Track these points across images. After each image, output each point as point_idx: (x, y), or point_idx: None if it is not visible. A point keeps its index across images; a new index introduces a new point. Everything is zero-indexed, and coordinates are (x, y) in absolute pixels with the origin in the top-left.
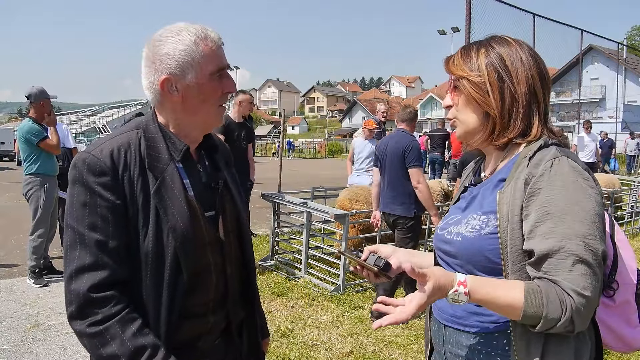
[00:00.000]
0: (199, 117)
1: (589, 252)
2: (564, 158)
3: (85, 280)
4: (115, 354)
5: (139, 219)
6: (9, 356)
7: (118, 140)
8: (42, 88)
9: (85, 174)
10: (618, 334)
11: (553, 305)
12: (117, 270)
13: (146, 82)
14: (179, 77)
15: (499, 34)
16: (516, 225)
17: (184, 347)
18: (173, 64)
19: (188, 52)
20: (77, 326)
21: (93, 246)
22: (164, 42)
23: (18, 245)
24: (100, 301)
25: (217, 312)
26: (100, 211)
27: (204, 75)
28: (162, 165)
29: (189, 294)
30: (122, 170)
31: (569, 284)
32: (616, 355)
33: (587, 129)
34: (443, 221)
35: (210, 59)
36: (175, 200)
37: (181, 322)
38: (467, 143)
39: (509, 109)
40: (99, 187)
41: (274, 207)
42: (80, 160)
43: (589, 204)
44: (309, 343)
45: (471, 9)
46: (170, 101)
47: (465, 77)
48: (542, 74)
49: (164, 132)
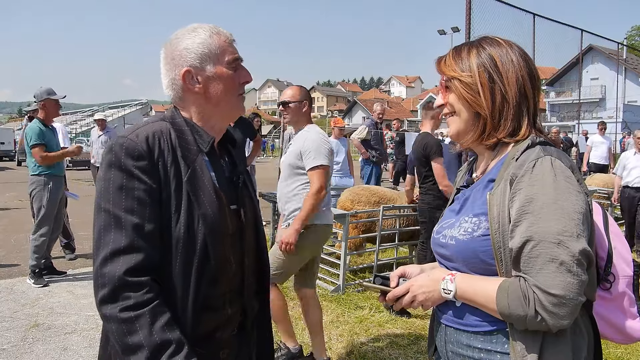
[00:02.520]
0: (222, 107)
1: (564, 250)
2: (547, 158)
3: (121, 262)
4: (140, 343)
5: (172, 205)
6: (9, 356)
7: (152, 127)
8: (47, 88)
9: (123, 158)
10: (617, 326)
11: (515, 302)
12: (152, 254)
13: (167, 81)
14: (199, 69)
15: (490, 35)
16: (507, 227)
17: (203, 338)
18: (192, 56)
19: (205, 44)
20: (108, 310)
21: (130, 229)
22: (181, 38)
23: (18, 245)
24: (134, 285)
25: (234, 304)
26: (138, 194)
27: (222, 65)
28: (192, 155)
29: (211, 283)
30: (158, 155)
31: (533, 281)
32: (616, 355)
33: (601, 130)
34: (438, 224)
35: (225, 51)
36: (205, 189)
37: (203, 313)
38: (459, 142)
39: (499, 109)
40: (137, 170)
41: (274, 207)
42: (117, 145)
43: (567, 202)
44: (309, 343)
45: (471, 9)
46: (193, 93)
47: (456, 78)
48: (532, 74)
49: (190, 125)
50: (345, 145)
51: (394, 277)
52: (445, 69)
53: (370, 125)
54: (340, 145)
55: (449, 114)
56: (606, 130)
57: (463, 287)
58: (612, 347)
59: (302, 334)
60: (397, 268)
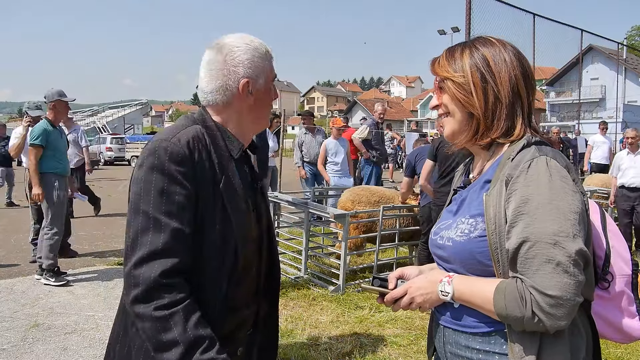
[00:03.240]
0: (258, 119)
1: (560, 251)
2: (542, 158)
3: (157, 265)
4: (175, 340)
5: (207, 209)
6: (9, 356)
7: (190, 131)
8: (58, 89)
9: (167, 162)
10: (616, 326)
11: (512, 304)
12: (187, 258)
13: (216, 84)
14: (254, 82)
15: (484, 35)
16: (503, 228)
17: (226, 337)
18: (253, 69)
19: (264, 59)
20: (141, 309)
21: (168, 232)
22: (242, 49)
23: (18, 245)
24: (169, 287)
25: (251, 305)
26: (178, 199)
27: (269, 81)
28: (225, 161)
29: (237, 286)
30: (197, 160)
31: (530, 282)
32: (616, 355)
33: (602, 130)
34: (436, 225)
35: (272, 68)
36: (237, 196)
37: (227, 314)
38: (453, 143)
39: (492, 109)
40: (180, 175)
41: (274, 207)
42: (161, 149)
43: (563, 202)
44: (309, 343)
45: (471, 9)
46: (243, 102)
47: (449, 78)
48: (526, 73)
49: (221, 130)
50: (344, 146)
51: (392, 278)
52: (439, 70)
53: (371, 125)
54: (339, 145)
55: (444, 114)
56: (607, 130)
57: (460, 288)
58: (611, 347)
59: (302, 333)
60: (396, 269)
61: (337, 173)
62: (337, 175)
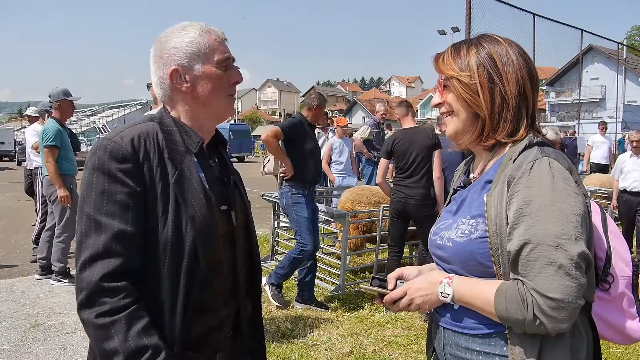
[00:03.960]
0: (210, 108)
1: (562, 253)
2: (544, 159)
3: (98, 268)
4: (116, 349)
5: (158, 207)
6: (9, 356)
7: (137, 128)
8: (63, 89)
9: (107, 161)
10: (616, 327)
11: (513, 306)
12: (131, 259)
13: (156, 79)
14: (187, 68)
15: (489, 33)
16: (504, 229)
17: (197, 341)
18: (180, 55)
19: (194, 43)
20: (85, 315)
21: (109, 234)
22: (170, 37)
23: (18, 245)
24: (110, 291)
25: (228, 306)
26: (120, 198)
27: (211, 64)
28: (180, 156)
29: (203, 286)
30: (143, 157)
31: (532, 284)
32: (616, 355)
33: (602, 130)
34: (435, 225)
35: (215, 50)
36: (194, 191)
37: (195, 315)
38: (456, 142)
39: (498, 110)
40: (120, 173)
41: (274, 207)
42: (101, 147)
43: (565, 204)
44: (309, 343)
45: (471, 9)
46: (180, 93)
47: (455, 77)
48: (532, 74)
49: (178, 125)
50: (348, 145)
51: (391, 279)
52: (444, 68)
53: (373, 125)
54: (344, 144)
55: (447, 113)
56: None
57: (461, 290)
58: (612, 348)
59: (302, 333)
60: (395, 269)
61: (340, 173)
62: (340, 175)
